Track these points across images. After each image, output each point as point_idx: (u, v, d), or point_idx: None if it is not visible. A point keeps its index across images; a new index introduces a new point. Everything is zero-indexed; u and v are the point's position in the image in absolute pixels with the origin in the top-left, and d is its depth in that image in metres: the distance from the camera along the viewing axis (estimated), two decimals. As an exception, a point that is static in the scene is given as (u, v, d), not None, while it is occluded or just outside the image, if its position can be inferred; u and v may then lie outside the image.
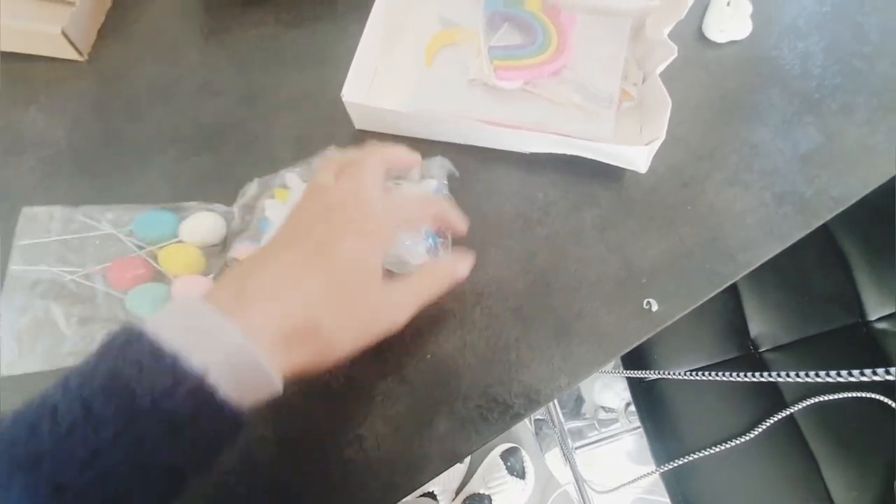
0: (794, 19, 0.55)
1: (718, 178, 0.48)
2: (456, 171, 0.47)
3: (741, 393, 0.66)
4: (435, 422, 0.40)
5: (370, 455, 0.39)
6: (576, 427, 1.20)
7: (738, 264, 0.45)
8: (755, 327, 0.70)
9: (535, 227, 0.46)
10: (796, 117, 0.50)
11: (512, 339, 0.43)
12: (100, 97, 0.53)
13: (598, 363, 0.42)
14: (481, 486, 1.17)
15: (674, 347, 0.68)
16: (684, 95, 0.50)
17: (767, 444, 0.64)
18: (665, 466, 0.64)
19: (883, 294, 0.70)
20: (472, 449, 0.40)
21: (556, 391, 0.42)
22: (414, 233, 0.41)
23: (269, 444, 0.40)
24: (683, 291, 0.44)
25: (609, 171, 0.47)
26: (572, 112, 0.49)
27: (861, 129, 0.50)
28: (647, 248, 0.45)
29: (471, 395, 0.41)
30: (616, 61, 0.50)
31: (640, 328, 0.43)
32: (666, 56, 0.46)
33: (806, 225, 0.46)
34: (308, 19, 0.56)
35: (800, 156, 0.49)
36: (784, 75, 0.52)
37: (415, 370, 0.42)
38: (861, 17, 0.55)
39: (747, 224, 0.46)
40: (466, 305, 0.44)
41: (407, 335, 0.43)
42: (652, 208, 0.47)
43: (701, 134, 0.50)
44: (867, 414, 0.65)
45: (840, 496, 0.62)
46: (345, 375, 0.42)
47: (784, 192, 0.47)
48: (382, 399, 0.41)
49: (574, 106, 0.49)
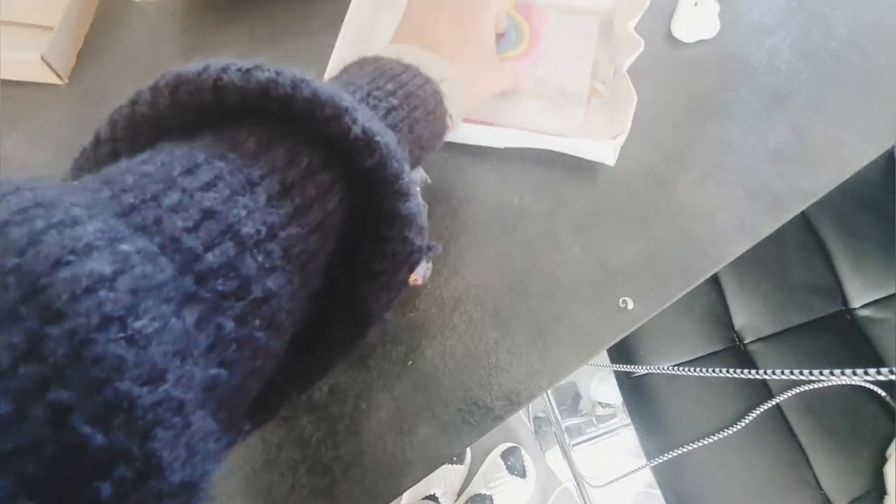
0: (762, 16, 0.55)
1: (690, 176, 0.49)
2: (428, 178, 0.47)
3: (728, 385, 0.67)
4: (417, 427, 0.41)
5: (354, 462, 0.40)
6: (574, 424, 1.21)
7: (711, 260, 0.46)
8: (739, 319, 0.70)
9: (510, 232, 0.47)
10: (765, 113, 0.51)
11: (491, 343, 0.44)
12: (81, 120, 0.54)
13: (577, 363, 0.43)
14: (482, 486, 1.18)
15: (660, 342, 0.69)
16: (655, 95, 0.51)
17: (756, 434, 0.65)
18: (656, 460, 0.65)
19: (864, 282, 0.71)
20: (455, 452, 0.41)
21: (537, 392, 0.42)
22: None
23: (256, 453, 0.41)
24: (659, 289, 0.45)
25: (582, 173, 0.48)
26: (543, 108, 0.50)
27: (829, 123, 0.50)
28: (621, 247, 0.46)
29: (452, 399, 0.42)
30: (585, 59, 0.51)
31: (617, 327, 0.44)
32: (633, 50, 0.47)
33: (777, 219, 0.47)
34: (283, 35, 0.57)
35: (770, 151, 0.49)
36: (752, 72, 0.53)
37: (396, 377, 0.43)
38: (828, 11, 0.56)
39: (719, 220, 0.47)
40: (445, 311, 0.45)
41: (388, 342, 0.44)
42: (625, 208, 0.48)
43: (672, 133, 0.51)
44: (853, 401, 0.66)
45: (828, 483, 0.63)
46: (328, 384, 0.43)
47: (755, 187, 0.48)
48: (365, 407, 0.42)
49: (545, 97, 0.50)
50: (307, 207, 0.20)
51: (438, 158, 0.49)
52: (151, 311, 0.14)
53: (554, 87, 0.50)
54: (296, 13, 0.58)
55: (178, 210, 0.17)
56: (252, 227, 0.18)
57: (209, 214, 0.17)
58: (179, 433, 0.14)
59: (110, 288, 0.14)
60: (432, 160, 0.49)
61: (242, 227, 0.18)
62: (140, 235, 0.16)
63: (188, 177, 0.18)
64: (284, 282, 0.19)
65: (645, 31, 0.48)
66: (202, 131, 0.21)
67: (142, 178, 0.18)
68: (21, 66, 0.54)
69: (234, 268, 0.17)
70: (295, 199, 0.20)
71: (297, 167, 0.20)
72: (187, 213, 0.17)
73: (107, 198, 0.17)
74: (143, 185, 0.17)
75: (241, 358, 0.17)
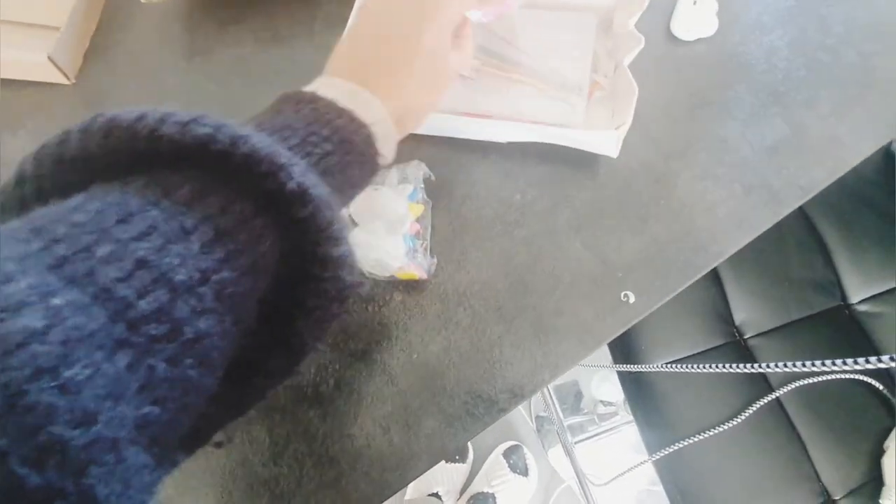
0: (760, 15, 0.56)
1: (689, 172, 0.49)
2: (432, 174, 0.48)
3: (728, 379, 0.67)
4: (423, 420, 0.42)
5: (361, 454, 0.41)
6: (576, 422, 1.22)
7: (710, 255, 0.46)
8: (739, 315, 0.71)
9: (513, 228, 0.48)
10: (763, 111, 0.52)
11: (495, 338, 0.44)
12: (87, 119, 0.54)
13: (579, 356, 0.44)
14: (485, 484, 1.19)
15: (661, 337, 0.70)
16: (655, 93, 0.52)
17: (755, 427, 0.65)
18: (657, 454, 0.66)
19: (863, 277, 0.71)
20: (460, 444, 0.42)
21: (539, 385, 0.43)
22: (394, 237, 0.43)
23: (264, 446, 0.41)
24: (659, 283, 0.46)
25: (584, 170, 0.49)
26: (545, 102, 0.51)
27: (826, 120, 0.51)
28: (622, 243, 0.47)
29: (457, 392, 0.43)
30: (584, 53, 0.52)
31: (618, 321, 0.45)
32: (633, 47, 0.47)
33: (775, 214, 0.48)
34: (286, 37, 0.58)
35: (767, 148, 0.50)
36: (751, 70, 0.54)
37: (402, 371, 0.43)
38: (825, 10, 0.56)
39: (718, 216, 0.48)
40: (449, 306, 0.45)
41: (393, 337, 0.44)
42: (626, 205, 0.48)
43: (672, 130, 0.51)
44: (851, 394, 0.66)
45: (827, 476, 0.64)
46: (334, 379, 0.43)
47: (753, 183, 0.49)
48: (371, 400, 0.43)
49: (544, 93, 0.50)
50: (239, 252, 0.21)
51: (442, 155, 0.50)
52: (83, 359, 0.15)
53: (554, 82, 0.51)
54: (298, 15, 0.58)
55: (112, 261, 0.18)
56: (185, 274, 0.19)
57: (142, 264, 0.18)
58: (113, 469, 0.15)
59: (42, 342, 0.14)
60: (436, 157, 0.49)
61: (175, 274, 0.19)
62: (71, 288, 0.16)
63: (122, 226, 0.19)
64: (216, 322, 0.20)
65: (645, 29, 0.49)
66: (134, 172, 0.22)
67: (73, 227, 0.18)
68: (28, 66, 0.54)
69: (166, 313, 0.18)
70: (227, 245, 0.21)
71: (230, 214, 0.21)
72: (121, 262, 0.18)
73: (37, 249, 0.17)
74: (75, 235, 0.18)
75: (173, 395, 0.18)
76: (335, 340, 0.44)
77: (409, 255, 0.43)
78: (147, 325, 0.17)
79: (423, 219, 0.47)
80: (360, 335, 0.44)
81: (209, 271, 0.20)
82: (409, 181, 0.46)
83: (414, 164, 0.48)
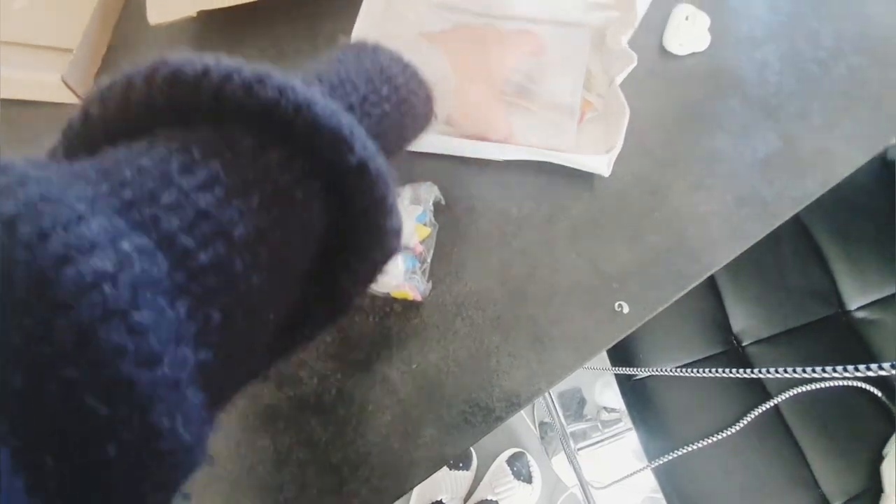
0: (751, 29, 0.57)
1: (682, 184, 0.51)
2: (443, 199, 0.49)
3: (727, 387, 0.68)
4: (422, 428, 0.43)
5: (362, 462, 0.42)
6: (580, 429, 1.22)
7: (704, 265, 0.47)
8: (737, 322, 0.72)
9: (510, 240, 0.49)
10: (755, 123, 0.53)
11: (492, 347, 0.46)
12: (99, 137, 0.56)
13: (575, 365, 0.45)
14: (489, 492, 1.19)
15: (659, 346, 0.71)
16: (649, 107, 0.53)
17: (754, 435, 0.66)
18: (656, 462, 0.67)
19: (860, 284, 0.72)
20: (458, 452, 0.43)
21: (536, 393, 0.44)
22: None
23: (268, 454, 0.43)
24: (653, 293, 0.47)
25: (579, 183, 0.50)
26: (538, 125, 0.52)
27: (817, 133, 0.52)
28: (616, 254, 0.48)
29: (455, 401, 0.44)
30: (577, 71, 0.53)
31: (613, 330, 0.46)
32: (626, 65, 0.49)
33: (767, 225, 0.49)
34: (290, 53, 0.59)
35: (759, 160, 0.51)
36: (743, 84, 0.55)
37: (401, 380, 0.45)
38: (816, 23, 0.57)
39: (711, 227, 0.49)
40: (448, 317, 0.46)
41: (393, 348, 0.46)
42: (620, 216, 0.49)
43: (665, 143, 0.52)
44: (849, 401, 0.67)
45: (826, 483, 0.64)
46: (336, 388, 0.44)
47: (745, 195, 0.50)
48: (372, 409, 0.44)
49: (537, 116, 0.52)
50: (294, 212, 0.22)
51: (441, 170, 0.51)
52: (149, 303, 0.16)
53: (546, 102, 0.52)
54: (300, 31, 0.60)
55: (175, 209, 0.18)
56: (243, 230, 0.20)
57: (204, 216, 0.19)
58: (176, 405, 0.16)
59: (113, 284, 0.15)
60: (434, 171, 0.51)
61: (234, 229, 0.19)
62: (138, 232, 0.17)
63: (185, 175, 0.19)
64: (268, 279, 0.21)
65: (638, 44, 0.50)
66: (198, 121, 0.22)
67: (139, 172, 0.19)
68: (41, 87, 0.56)
69: (223, 266, 0.19)
70: (284, 204, 0.22)
71: (289, 172, 0.22)
72: (183, 212, 0.18)
73: (106, 192, 0.18)
74: (141, 180, 0.18)
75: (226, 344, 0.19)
76: (337, 351, 0.46)
77: (408, 275, 0.44)
78: (205, 276, 0.18)
79: (427, 241, 0.48)
80: (361, 346, 0.46)
81: (265, 229, 0.20)
82: (420, 202, 0.47)
83: (427, 185, 0.49)
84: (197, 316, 0.18)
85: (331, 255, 0.25)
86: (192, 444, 0.17)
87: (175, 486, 0.18)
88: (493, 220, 0.50)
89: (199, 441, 0.17)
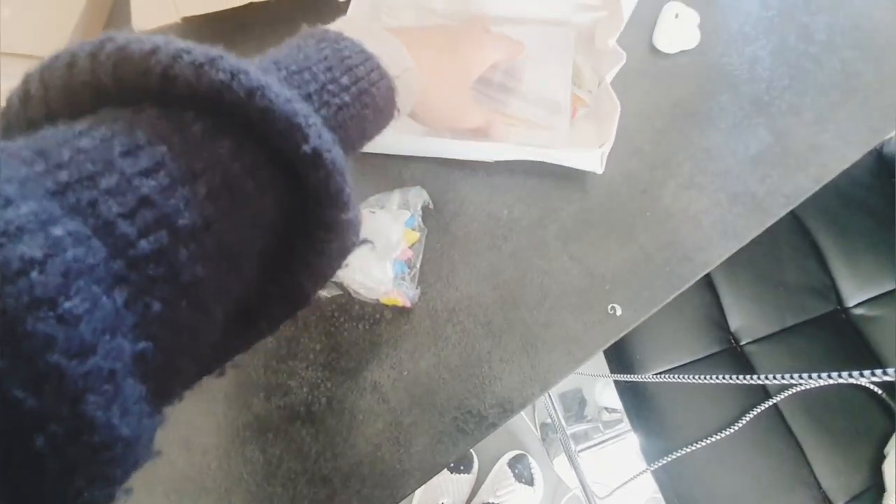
0: (741, 26, 0.57)
1: (674, 183, 0.50)
2: (431, 202, 0.49)
3: (726, 387, 0.67)
4: (414, 437, 0.43)
5: (353, 472, 0.42)
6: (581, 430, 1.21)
7: (697, 265, 0.47)
8: (735, 321, 0.71)
9: (501, 243, 0.48)
10: (746, 120, 0.52)
11: (484, 353, 0.45)
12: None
13: (568, 369, 0.44)
14: (490, 495, 1.19)
15: (656, 345, 0.70)
16: (639, 105, 0.53)
17: (754, 434, 0.65)
18: (655, 464, 0.66)
19: (858, 280, 0.71)
20: (451, 460, 0.42)
21: (529, 399, 0.44)
22: (383, 262, 0.44)
23: (258, 466, 0.42)
24: (646, 295, 0.46)
25: (570, 183, 0.49)
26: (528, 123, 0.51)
27: (809, 128, 0.52)
28: (608, 255, 0.47)
29: (447, 408, 0.43)
30: (564, 69, 0.53)
31: (606, 333, 0.45)
32: (615, 63, 0.48)
33: (760, 223, 0.48)
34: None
35: (751, 157, 0.51)
36: (734, 80, 0.54)
37: (392, 388, 0.44)
38: (807, 18, 0.57)
39: (703, 225, 0.48)
40: (439, 322, 0.46)
41: (384, 355, 0.45)
42: (611, 217, 0.49)
43: (656, 142, 0.52)
44: (850, 400, 0.66)
45: (827, 482, 0.63)
46: (326, 397, 0.44)
47: (737, 192, 0.49)
48: (363, 418, 0.43)
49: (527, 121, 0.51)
50: (245, 202, 0.21)
51: (429, 173, 0.51)
52: (82, 291, 0.15)
53: (533, 100, 0.51)
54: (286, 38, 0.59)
55: (115, 194, 0.17)
56: (188, 219, 0.18)
57: (146, 203, 0.18)
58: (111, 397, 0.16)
59: (41, 271, 0.14)
60: (423, 174, 0.50)
61: (178, 218, 0.18)
62: (73, 217, 0.16)
63: (128, 159, 0.18)
64: (214, 269, 0.20)
65: (627, 42, 0.50)
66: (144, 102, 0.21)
67: (78, 154, 0.18)
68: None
69: (166, 255, 0.18)
70: (234, 193, 0.20)
71: (240, 161, 0.21)
72: (124, 198, 0.17)
73: (40, 172, 0.17)
74: (80, 162, 0.17)
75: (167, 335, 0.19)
76: (327, 359, 0.45)
77: (396, 281, 0.44)
78: (146, 265, 0.17)
79: (416, 246, 0.47)
80: (351, 353, 0.45)
81: (212, 219, 0.19)
82: (409, 207, 0.47)
83: (415, 189, 0.48)
84: (136, 306, 0.17)
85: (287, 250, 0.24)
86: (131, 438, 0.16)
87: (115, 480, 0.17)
88: (484, 223, 0.49)
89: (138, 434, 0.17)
